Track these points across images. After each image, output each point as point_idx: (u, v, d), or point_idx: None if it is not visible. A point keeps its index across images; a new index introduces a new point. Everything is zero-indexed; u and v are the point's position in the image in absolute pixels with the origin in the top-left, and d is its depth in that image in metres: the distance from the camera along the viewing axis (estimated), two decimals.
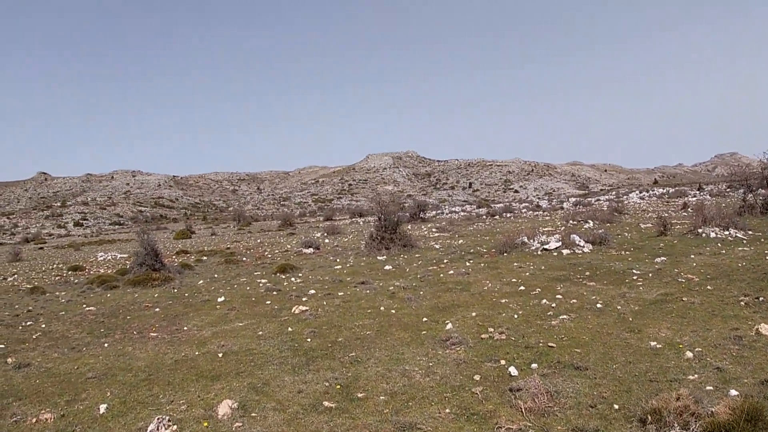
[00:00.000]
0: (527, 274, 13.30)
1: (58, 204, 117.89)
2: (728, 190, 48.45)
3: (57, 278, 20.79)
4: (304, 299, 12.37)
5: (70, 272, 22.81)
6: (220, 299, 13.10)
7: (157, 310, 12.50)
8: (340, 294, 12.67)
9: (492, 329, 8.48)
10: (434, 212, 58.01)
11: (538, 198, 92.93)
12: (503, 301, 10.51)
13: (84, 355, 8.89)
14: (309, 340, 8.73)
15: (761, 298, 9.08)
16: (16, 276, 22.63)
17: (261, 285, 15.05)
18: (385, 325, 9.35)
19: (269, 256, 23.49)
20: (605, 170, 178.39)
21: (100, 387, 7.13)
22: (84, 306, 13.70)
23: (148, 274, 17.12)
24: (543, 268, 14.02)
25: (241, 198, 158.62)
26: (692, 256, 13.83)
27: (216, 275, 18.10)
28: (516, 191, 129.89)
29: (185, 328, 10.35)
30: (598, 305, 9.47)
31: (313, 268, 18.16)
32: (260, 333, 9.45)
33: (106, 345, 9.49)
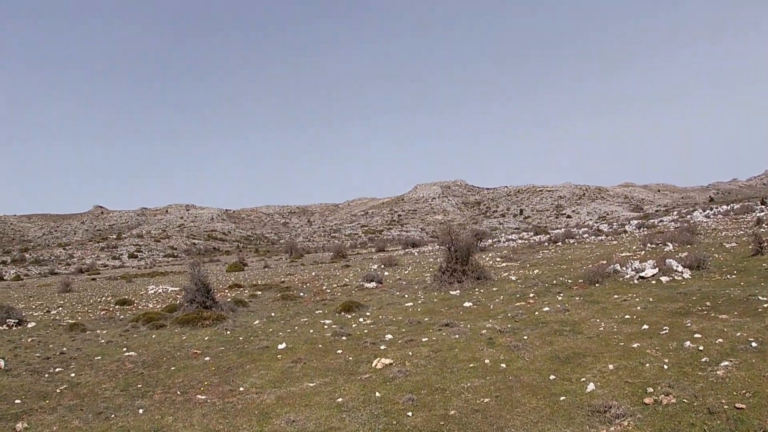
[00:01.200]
0: (638, 308, 11.19)
1: (114, 236, 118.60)
2: None
3: (102, 313, 19.02)
4: (382, 347, 10.04)
5: (117, 306, 21.12)
6: (280, 346, 10.85)
7: (207, 359, 10.33)
8: (424, 340, 10.32)
9: (650, 389, 6.41)
10: (490, 241, 55.43)
11: (594, 222, 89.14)
12: (634, 345, 8.35)
13: (111, 426, 6.78)
14: (410, 414, 6.37)
15: None
16: (60, 309, 21.09)
17: (326, 327, 12.83)
18: (504, 388, 7.01)
19: (328, 291, 21.32)
20: (658, 190, 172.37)
21: None
22: (124, 350, 11.72)
23: (199, 312, 15.07)
24: (651, 300, 11.91)
25: (292, 230, 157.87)
26: None
27: (273, 314, 15.95)
28: (569, 216, 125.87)
29: (241, 389, 8.10)
30: (753, 344, 7.62)
31: (380, 305, 15.90)
32: (340, 400, 7.13)
33: (140, 411, 7.34)
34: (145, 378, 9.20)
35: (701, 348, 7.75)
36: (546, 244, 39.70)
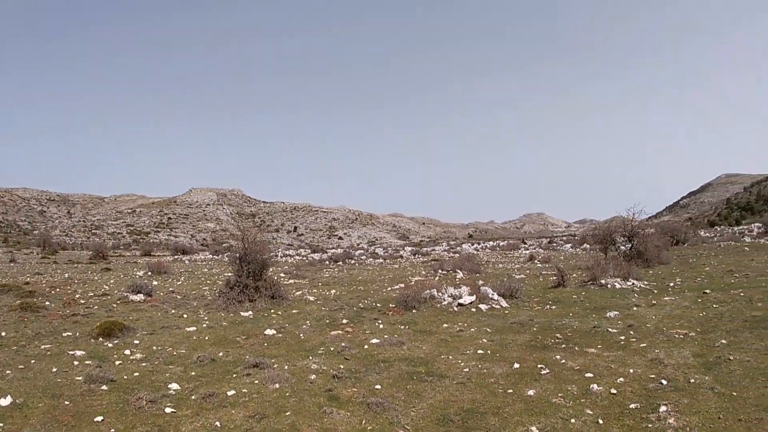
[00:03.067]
0: (485, 341, 9.92)
1: None
2: (552, 244, 54.51)
3: None
4: (168, 410, 6.41)
5: None
6: (2, 401, 6.66)
7: None
8: (230, 394, 6.97)
9: None
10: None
11: (365, 245, 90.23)
12: (530, 393, 6.77)
13: None
14: None
15: None
16: None
17: (77, 363, 8.79)
18: None
19: (83, 301, 16.57)
20: (423, 223, 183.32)
21: None
22: None
23: None
24: (489, 330, 10.81)
25: (49, 221, 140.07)
26: (634, 309, 12.43)
27: (3, 333, 11.30)
28: (340, 238, 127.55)
29: None
30: (663, 382, 6.86)
31: (153, 328, 11.96)
32: None
33: None
34: None
35: (614, 391, 6.67)
36: (327, 262, 39.47)
